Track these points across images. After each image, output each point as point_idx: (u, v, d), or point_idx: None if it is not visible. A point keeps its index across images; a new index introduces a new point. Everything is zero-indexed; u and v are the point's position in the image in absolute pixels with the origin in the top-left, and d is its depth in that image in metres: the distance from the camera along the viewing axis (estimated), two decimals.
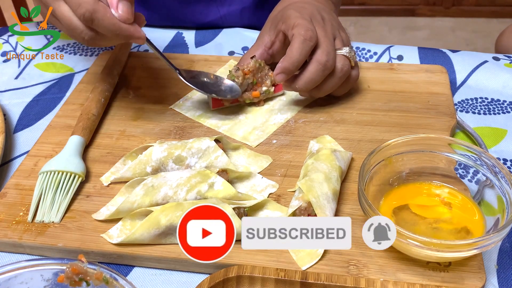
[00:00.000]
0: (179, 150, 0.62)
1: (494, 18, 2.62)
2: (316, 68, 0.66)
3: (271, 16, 0.79)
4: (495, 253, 0.55)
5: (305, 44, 0.66)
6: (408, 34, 2.55)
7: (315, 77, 0.67)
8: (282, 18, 0.71)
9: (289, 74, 0.67)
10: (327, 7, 0.78)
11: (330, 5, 0.81)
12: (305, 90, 0.69)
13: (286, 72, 0.67)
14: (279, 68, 0.67)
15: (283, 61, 0.67)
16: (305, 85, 0.67)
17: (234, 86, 0.71)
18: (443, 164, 0.59)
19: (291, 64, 0.66)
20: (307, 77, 0.67)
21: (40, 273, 0.46)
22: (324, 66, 0.66)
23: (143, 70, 0.82)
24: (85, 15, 0.58)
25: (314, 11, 0.72)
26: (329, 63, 0.67)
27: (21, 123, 0.75)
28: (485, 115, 0.72)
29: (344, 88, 0.72)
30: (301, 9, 0.72)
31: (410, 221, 0.54)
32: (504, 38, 1.36)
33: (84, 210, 0.59)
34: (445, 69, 0.78)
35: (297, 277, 0.50)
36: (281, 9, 0.77)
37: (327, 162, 0.59)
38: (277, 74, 0.67)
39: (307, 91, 0.69)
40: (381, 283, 0.49)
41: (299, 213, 0.55)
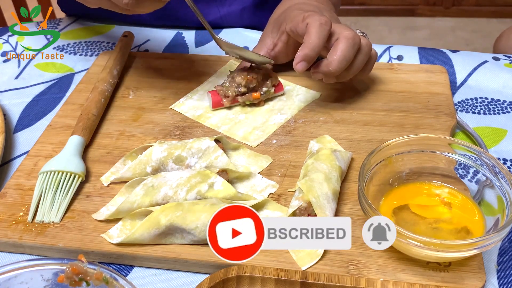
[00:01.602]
0: (179, 150, 0.62)
1: (494, 18, 2.62)
2: (347, 44, 0.64)
3: (272, 19, 0.79)
4: (495, 253, 0.55)
5: (322, 28, 0.64)
6: (408, 34, 2.55)
7: (347, 53, 0.64)
8: (286, 19, 0.71)
9: (310, 62, 0.65)
10: (327, 7, 0.78)
11: (329, 5, 0.81)
12: (339, 70, 0.65)
13: (307, 59, 0.65)
14: (300, 56, 0.65)
15: (302, 49, 0.65)
16: (339, 65, 0.64)
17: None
18: (443, 164, 0.59)
19: (311, 50, 0.64)
20: (340, 55, 0.64)
21: (40, 273, 0.46)
22: (353, 40, 0.64)
23: (143, 70, 0.82)
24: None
25: (315, 10, 0.72)
26: (357, 37, 0.65)
27: (21, 123, 0.75)
28: (485, 115, 0.72)
29: (368, 68, 0.70)
30: (304, 7, 0.72)
31: (410, 221, 0.54)
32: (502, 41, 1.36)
33: (84, 210, 0.59)
34: (445, 69, 0.78)
35: (297, 277, 0.50)
36: (282, 11, 0.77)
37: (327, 162, 0.59)
38: (297, 63, 0.65)
39: (341, 71, 0.66)
40: (381, 283, 0.49)
41: (299, 213, 0.55)
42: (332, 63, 0.65)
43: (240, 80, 0.70)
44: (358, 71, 0.69)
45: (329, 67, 0.65)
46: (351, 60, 0.66)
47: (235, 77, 0.71)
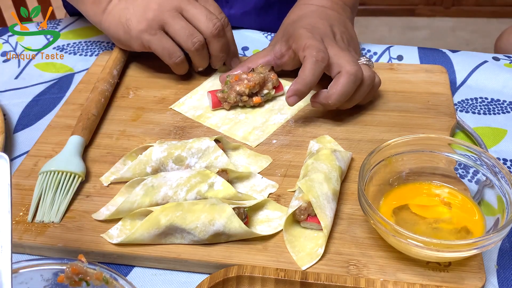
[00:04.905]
0: (179, 150, 0.62)
1: (494, 18, 2.62)
2: (348, 80, 0.65)
3: (285, 23, 0.78)
4: (495, 253, 0.55)
5: (317, 65, 0.65)
6: (408, 34, 2.55)
7: (347, 89, 0.65)
8: (293, 36, 0.70)
9: (301, 96, 0.66)
10: (343, 16, 0.77)
11: (346, 12, 0.79)
12: (339, 104, 0.66)
13: (299, 94, 0.66)
14: (292, 90, 0.65)
15: (295, 84, 0.65)
16: (339, 99, 0.65)
17: None
18: (443, 164, 0.59)
19: (303, 86, 0.65)
20: (340, 90, 0.65)
21: (40, 273, 0.46)
22: (355, 76, 0.65)
23: (143, 70, 0.82)
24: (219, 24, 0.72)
25: (327, 29, 0.72)
26: (360, 73, 0.65)
27: (21, 123, 0.75)
28: (485, 115, 0.72)
29: (370, 96, 0.71)
30: (313, 28, 0.71)
31: (410, 221, 0.54)
32: (502, 40, 1.36)
33: (84, 210, 0.59)
34: (445, 69, 0.78)
35: (297, 277, 0.50)
36: (295, 19, 0.76)
37: (327, 162, 0.59)
38: (289, 97, 0.66)
39: (340, 104, 0.67)
40: (381, 283, 0.49)
41: (299, 213, 0.55)
42: (332, 96, 0.66)
43: (243, 89, 0.70)
44: (360, 100, 0.69)
45: (328, 100, 0.66)
46: (351, 94, 0.66)
47: (235, 85, 0.71)
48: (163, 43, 0.72)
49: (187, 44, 0.72)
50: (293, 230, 0.56)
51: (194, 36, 0.72)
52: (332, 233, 0.55)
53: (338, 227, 0.56)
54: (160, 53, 0.73)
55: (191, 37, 0.71)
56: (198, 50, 0.73)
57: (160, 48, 0.73)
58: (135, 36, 0.73)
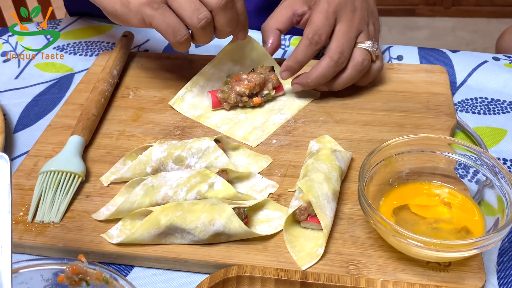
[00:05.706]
0: (179, 150, 0.62)
1: (494, 18, 2.62)
2: (328, 64, 0.69)
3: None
4: (495, 253, 0.55)
5: (309, 48, 0.69)
6: (408, 34, 2.55)
7: (326, 72, 0.69)
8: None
9: (293, 72, 0.71)
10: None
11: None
12: (317, 85, 0.71)
13: (291, 70, 0.71)
14: (285, 66, 0.71)
15: (288, 60, 0.70)
16: (317, 80, 0.70)
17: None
18: (443, 164, 0.59)
19: (295, 63, 0.70)
20: (319, 72, 0.69)
21: (40, 273, 0.46)
22: (336, 63, 0.69)
23: (143, 70, 0.82)
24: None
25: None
26: (341, 60, 0.69)
27: (21, 123, 0.75)
28: (485, 115, 0.72)
29: (366, 79, 0.73)
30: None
31: (410, 221, 0.54)
32: (504, 39, 1.36)
33: (84, 210, 0.59)
34: (445, 69, 0.78)
35: (297, 277, 0.50)
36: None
37: (327, 162, 0.59)
38: (282, 72, 0.71)
39: (319, 85, 0.71)
40: (381, 283, 0.49)
41: (299, 213, 0.55)
42: (311, 77, 0.70)
43: (243, 90, 0.70)
44: (350, 83, 0.72)
45: (307, 79, 0.70)
46: (330, 78, 0.70)
47: (235, 86, 0.71)
48: (166, 19, 0.63)
49: (192, 20, 0.63)
50: (293, 230, 0.56)
51: (201, 11, 0.63)
52: (332, 233, 0.55)
53: (338, 227, 0.56)
54: (163, 30, 0.64)
55: (197, 12, 0.62)
56: (203, 28, 0.64)
57: (164, 25, 0.63)
58: (135, 10, 0.64)
